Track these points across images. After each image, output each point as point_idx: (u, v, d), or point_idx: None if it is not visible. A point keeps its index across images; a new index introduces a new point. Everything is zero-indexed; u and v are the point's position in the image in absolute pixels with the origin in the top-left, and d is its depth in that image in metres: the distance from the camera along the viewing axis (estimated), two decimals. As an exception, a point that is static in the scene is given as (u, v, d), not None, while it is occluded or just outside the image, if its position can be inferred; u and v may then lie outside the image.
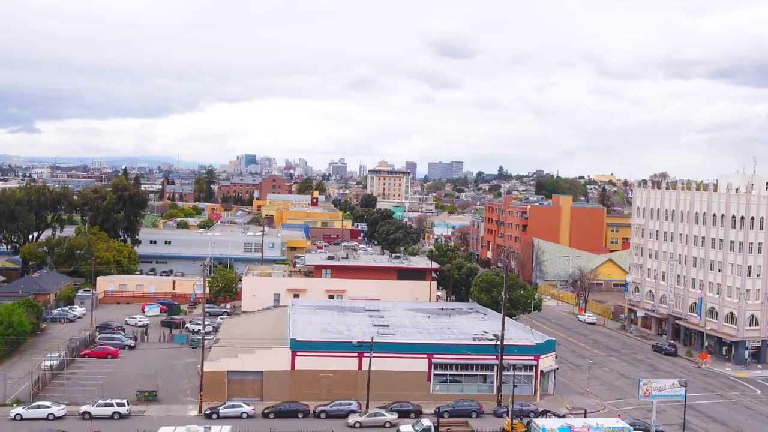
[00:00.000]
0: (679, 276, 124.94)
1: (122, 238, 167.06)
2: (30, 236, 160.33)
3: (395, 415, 74.31)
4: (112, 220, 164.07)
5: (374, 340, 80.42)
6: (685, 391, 72.20)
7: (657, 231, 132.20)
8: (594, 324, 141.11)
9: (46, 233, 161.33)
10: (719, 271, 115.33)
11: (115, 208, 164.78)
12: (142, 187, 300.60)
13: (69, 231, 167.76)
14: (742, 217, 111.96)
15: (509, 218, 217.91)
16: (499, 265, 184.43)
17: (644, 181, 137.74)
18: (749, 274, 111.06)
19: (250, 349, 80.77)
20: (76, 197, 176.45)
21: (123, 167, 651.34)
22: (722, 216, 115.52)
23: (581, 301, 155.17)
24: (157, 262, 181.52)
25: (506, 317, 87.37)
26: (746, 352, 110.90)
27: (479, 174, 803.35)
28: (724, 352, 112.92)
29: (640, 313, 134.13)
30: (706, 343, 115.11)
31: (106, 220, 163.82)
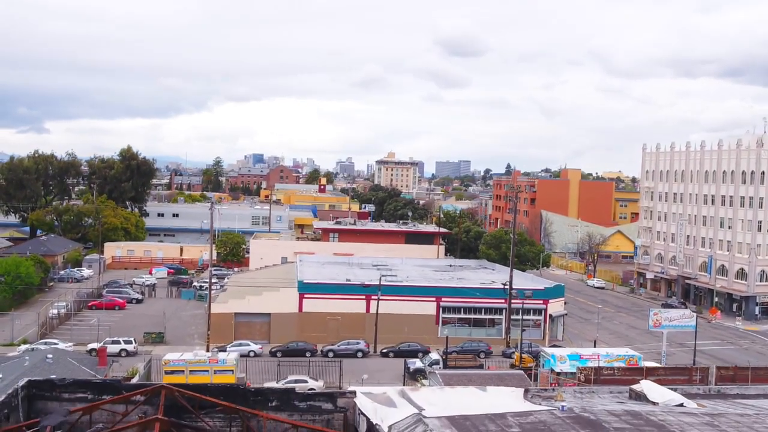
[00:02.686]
0: (688, 236, 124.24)
1: (130, 208, 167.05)
2: (38, 205, 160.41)
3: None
4: (119, 190, 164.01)
5: (382, 283, 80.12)
6: (696, 320, 71.61)
7: (666, 193, 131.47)
8: (603, 288, 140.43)
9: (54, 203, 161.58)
10: (729, 228, 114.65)
11: (122, 178, 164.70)
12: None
13: (77, 202, 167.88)
14: (752, 172, 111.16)
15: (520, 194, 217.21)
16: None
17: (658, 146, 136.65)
18: (759, 229, 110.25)
19: (257, 291, 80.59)
20: (83, 167, 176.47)
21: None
22: (732, 172, 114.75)
23: (590, 268, 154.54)
24: (164, 235, 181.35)
25: (515, 270, 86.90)
26: (757, 308, 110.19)
27: (487, 171, 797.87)
28: (734, 309, 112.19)
29: (650, 275, 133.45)
30: (716, 299, 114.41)
31: (114, 189, 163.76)
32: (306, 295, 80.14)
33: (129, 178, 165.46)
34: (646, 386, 35.48)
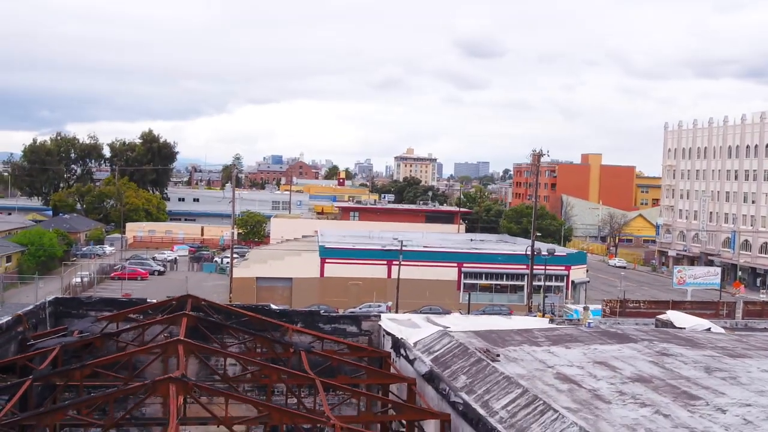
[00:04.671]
0: (711, 213, 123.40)
1: (151, 191, 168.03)
2: (60, 187, 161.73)
3: None
4: (140, 172, 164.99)
5: (404, 249, 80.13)
6: (720, 278, 71.17)
7: (688, 170, 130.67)
8: (624, 268, 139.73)
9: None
10: (753, 202, 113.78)
11: (143, 160, 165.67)
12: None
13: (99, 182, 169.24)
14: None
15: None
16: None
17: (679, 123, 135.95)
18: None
19: (279, 256, 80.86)
20: (104, 151, 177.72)
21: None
22: (756, 146, 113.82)
23: (611, 249, 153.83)
24: (185, 219, 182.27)
25: (537, 242, 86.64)
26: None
27: (505, 171, 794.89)
28: (758, 283, 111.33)
29: (672, 253, 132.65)
30: (739, 274, 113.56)
31: (135, 171, 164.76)
32: (327, 260, 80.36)
33: (150, 161, 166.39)
34: (673, 315, 35.32)
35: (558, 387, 21.03)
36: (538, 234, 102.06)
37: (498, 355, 24.39)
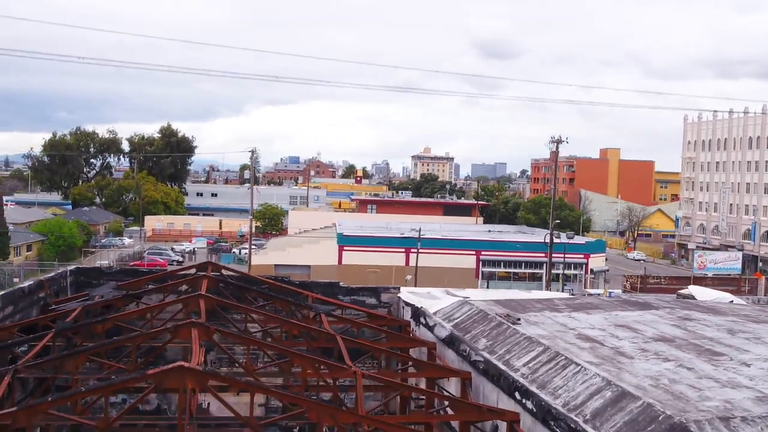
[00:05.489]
0: (731, 204, 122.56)
1: (169, 185, 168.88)
2: (80, 181, 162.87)
3: None
4: (159, 166, 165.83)
5: (422, 236, 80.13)
6: (742, 261, 70.69)
7: (708, 162, 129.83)
8: (643, 260, 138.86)
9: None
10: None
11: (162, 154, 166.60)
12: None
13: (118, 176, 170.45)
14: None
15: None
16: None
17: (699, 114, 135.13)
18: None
19: (298, 244, 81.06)
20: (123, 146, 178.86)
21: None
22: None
23: (630, 242, 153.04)
24: (203, 214, 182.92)
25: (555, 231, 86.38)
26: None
27: (523, 172, 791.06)
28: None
29: (691, 246, 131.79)
30: (760, 265, 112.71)
31: (154, 165, 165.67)
32: (345, 248, 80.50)
33: (168, 155, 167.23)
34: (694, 290, 34.92)
35: (580, 345, 20.92)
36: (557, 222, 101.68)
37: (519, 319, 24.30)
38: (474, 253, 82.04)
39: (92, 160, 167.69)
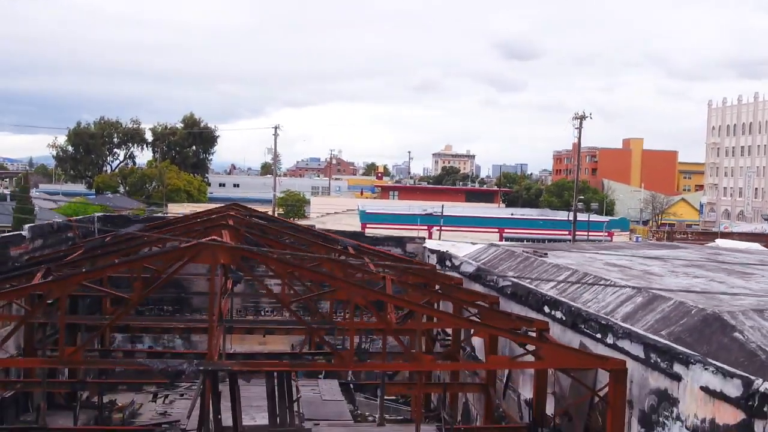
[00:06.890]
0: (756, 189, 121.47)
1: (192, 174, 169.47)
2: (104, 169, 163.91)
3: None
4: (182, 155, 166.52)
5: (444, 214, 80.00)
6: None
7: (733, 147, 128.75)
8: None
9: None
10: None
11: (185, 144, 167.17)
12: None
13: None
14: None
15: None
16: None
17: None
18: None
19: (321, 221, 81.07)
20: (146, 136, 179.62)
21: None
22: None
23: (653, 230, 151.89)
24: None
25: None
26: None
27: (544, 171, 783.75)
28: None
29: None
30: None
31: (176, 155, 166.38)
32: (368, 225, 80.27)
33: (191, 144, 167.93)
34: (722, 243, 34.74)
35: (608, 270, 20.89)
36: (581, 201, 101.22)
37: (546, 254, 24.31)
38: (497, 230, 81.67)
39: (116, 150, 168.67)
